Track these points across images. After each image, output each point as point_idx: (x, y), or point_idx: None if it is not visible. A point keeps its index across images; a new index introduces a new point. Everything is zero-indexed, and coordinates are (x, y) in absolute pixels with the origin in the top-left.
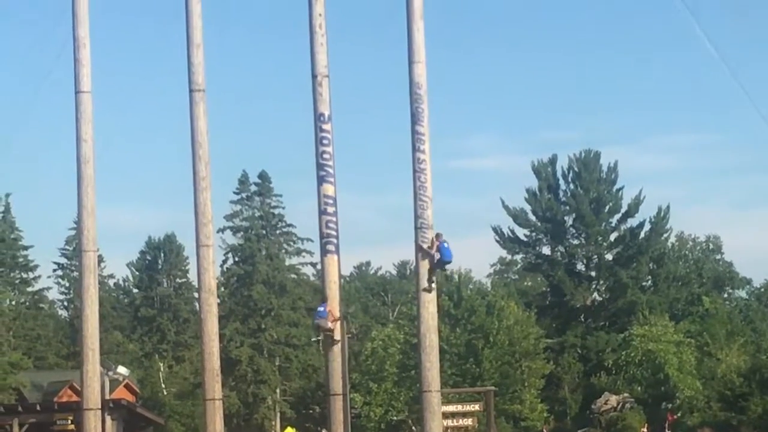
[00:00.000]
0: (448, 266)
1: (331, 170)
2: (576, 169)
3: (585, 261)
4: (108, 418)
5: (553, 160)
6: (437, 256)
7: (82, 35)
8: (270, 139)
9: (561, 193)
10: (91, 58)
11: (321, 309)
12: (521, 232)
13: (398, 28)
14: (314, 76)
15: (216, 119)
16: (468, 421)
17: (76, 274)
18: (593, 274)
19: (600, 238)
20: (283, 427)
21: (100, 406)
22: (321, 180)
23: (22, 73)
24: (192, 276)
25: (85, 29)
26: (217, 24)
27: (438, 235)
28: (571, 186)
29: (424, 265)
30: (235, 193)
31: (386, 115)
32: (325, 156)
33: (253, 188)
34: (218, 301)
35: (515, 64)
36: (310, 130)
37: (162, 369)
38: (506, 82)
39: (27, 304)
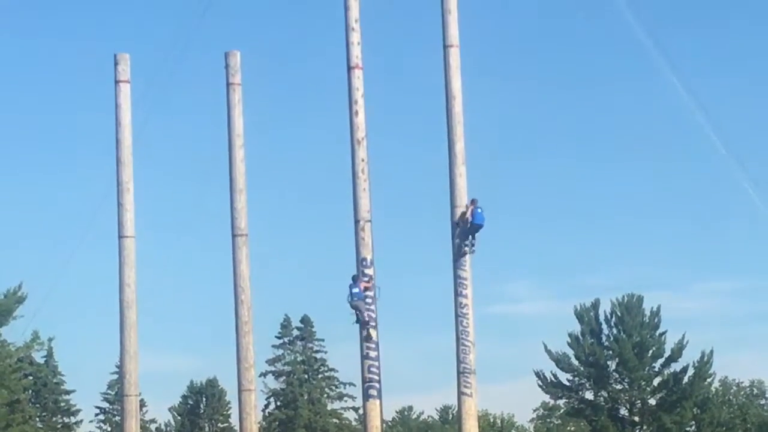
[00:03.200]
0: (479, 231)
1: (373, 314)
2: (619, 313)
3: (628, 406)
4: None
5: (595, 305)
6: (470, 219)
7: (126, 180)
8: (312, 282)
9: (604, 338)
10: (134, 202)
11: (357, 290)
12: (564, 377)
13: (441, 173)
14: (357, 221)
15: (258, 263)
16: None
17: (118, 418)
18: (637, 419)
19: (643, 383)
20: None
21: None
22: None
23: (66, 218)
24: (234, 420)
25: (129, 174)
26: (259, 168)
27: (473, 201)
28: (614, 330)
29: (459, 229)
30: (277, 337)
31: (429, 258)
32: (368, 300)
33: (295, 332)
34: None
35: (557, 214)
36: (353, 274)
37: None
38: (547, 227)
39: None
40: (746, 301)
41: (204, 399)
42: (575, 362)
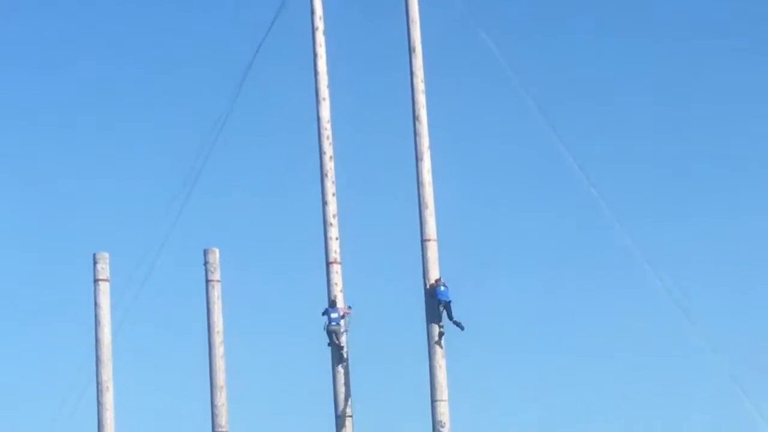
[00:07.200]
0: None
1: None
2: None
3: None
4: None
5: None
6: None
7: (105, 379)
8: None
9: None
10: (114, 401)
11: (335, 315)
12: None
13: (422, 361)
14: (337, 417)
15: None
16: None
17: None
18: None
19: None
20: None
21: None
22: None
23: (44, 418)
24: None
25: (108, 373)
26: (240, 364)
27: (437, 280)
28: None
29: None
30: None
31: None
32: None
33: None
34: None
35: (528, 399)
36: None
37: None
38: (526, 414)
39: None
40: None
41: None
42: None
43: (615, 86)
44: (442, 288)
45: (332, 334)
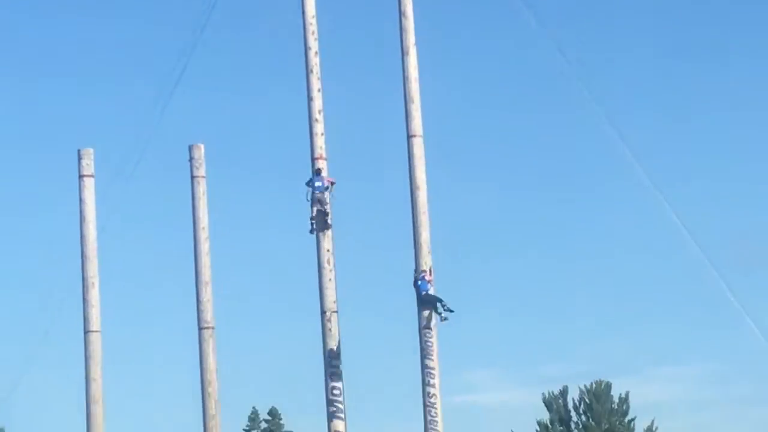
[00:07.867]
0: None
1: (341, 406)
2: (587, 400)
3: None
4: None
5: (564, 392)
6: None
7: (91, 275)
8: (280, 374)
9: (573, 425)
10: (100, 297)
11: (319, 183)
12: None
13: (407, 263)
14: (323, 312)
15: (225, 355)
16: None
17: None
18: None
19: None
20: None
21: None
22: (331, 416)
23: (29, 314)
24: None
25: (94, 269)
26: (225, 260)
27: (423, 271)
28: (583, 418)
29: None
30: (245, 430)
31: (396, 349)
32: (335, 392)
33: (263, 425)
34: None
35: (520, 304)
36: (320, 365)
37: None
38: (510, 317)
39: None
40: (714, 387)
41: None
42: None
43: None
44: (419, 282)
45: (319, 203)
